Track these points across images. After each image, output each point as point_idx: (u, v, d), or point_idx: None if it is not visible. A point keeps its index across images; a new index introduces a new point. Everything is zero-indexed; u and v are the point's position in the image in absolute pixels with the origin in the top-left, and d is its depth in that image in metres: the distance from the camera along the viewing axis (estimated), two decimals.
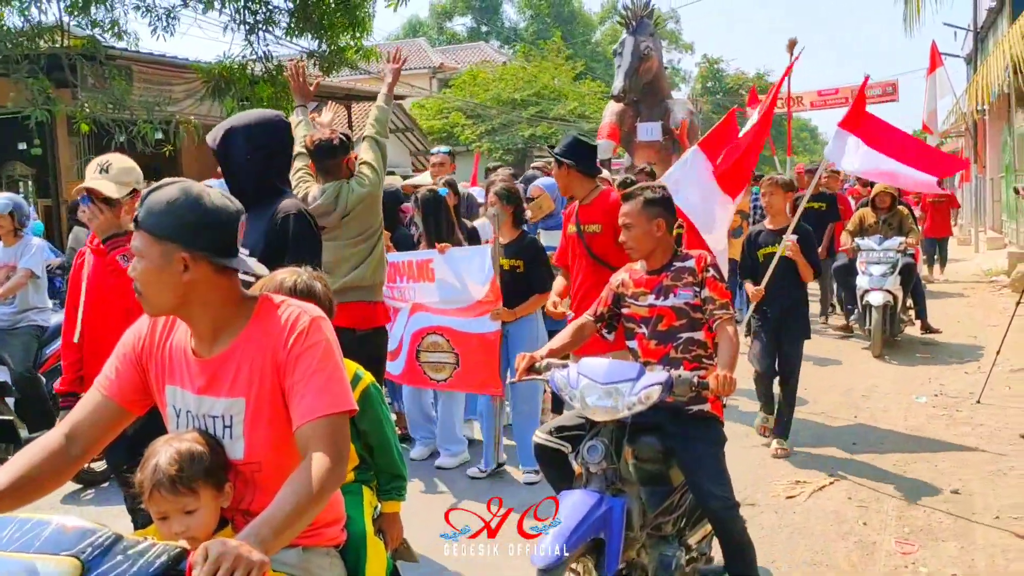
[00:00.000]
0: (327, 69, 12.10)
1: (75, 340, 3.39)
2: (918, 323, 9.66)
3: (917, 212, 12.18)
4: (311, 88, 4.75)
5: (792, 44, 6.23)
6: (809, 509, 4.90)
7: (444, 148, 7.56)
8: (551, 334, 5.56)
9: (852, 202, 11.35)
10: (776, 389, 6.04)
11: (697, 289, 3.49)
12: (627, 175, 8.18)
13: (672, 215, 3.65)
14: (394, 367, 5.62)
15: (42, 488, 1.93)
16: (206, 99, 11.28)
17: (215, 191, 1.97)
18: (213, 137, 3.33)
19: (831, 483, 5.28)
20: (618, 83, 12.24)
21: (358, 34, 11.68)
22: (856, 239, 9.01)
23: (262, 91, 10.95)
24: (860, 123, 5.74)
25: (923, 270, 12.19)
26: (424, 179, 7.71)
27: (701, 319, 3.50)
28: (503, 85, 28.45)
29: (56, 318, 5.89)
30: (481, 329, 5.38)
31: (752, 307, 5.99)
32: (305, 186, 4.42)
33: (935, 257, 14.71)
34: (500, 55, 37.86)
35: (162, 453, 1.94)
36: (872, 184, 11.64)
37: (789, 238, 5.75)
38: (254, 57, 11.48)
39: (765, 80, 41.07)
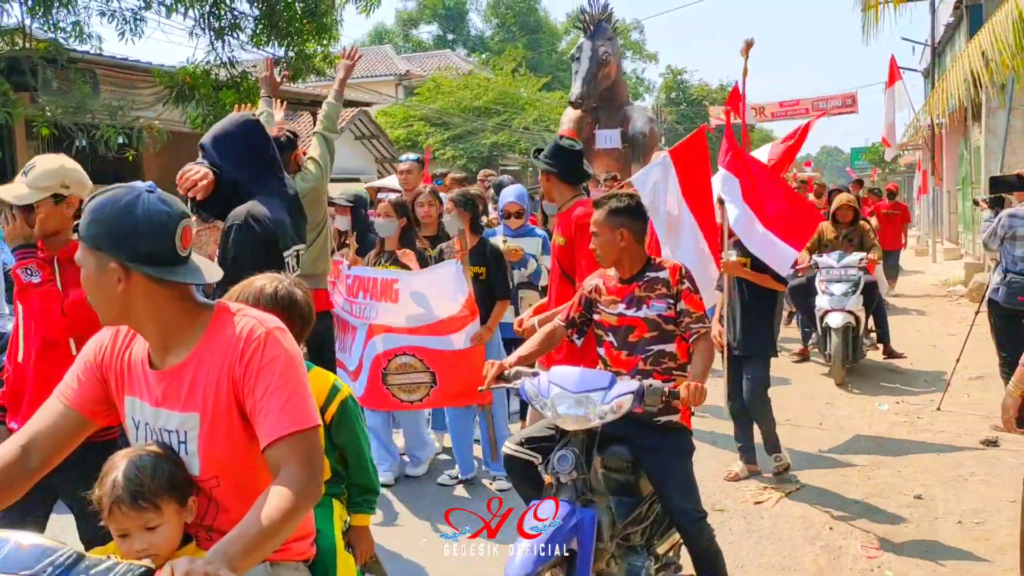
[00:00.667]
0: (294, 76, 11.99)
1: (19, 359, 3.03)
2: (880, 347, 8.99)
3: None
4: (278, 81, 4.91)
5: (748, 46, 6.01)
6: (777, 515, 4.92)
7: (413, 155, 7.23)
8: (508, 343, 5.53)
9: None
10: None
11: (671, 301, 3.45)
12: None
13: (642, 224, 3.60)
14: (355, 388, 5.41)
15: None
16: (170, 104, 11.12)
17: (154, 196, 1.88)
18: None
19: (797, 489, 5.31)
20: (576, 89, 11.93)
21: (325, 41, 11.60)
22: (814, 256, 8.24)
23: (226, 97, 10.81)
24: (741, 165, 5.55)
25: (884, 286, 11.37)
26: (390, 182, 7.57)
27: (673, 331, 3.46)
28: (467, 93, 28.43)
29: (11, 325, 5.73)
30: (460, 345, 5.21)
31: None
32: None
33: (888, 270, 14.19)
34: (466, 63, 37.80)
35: (121, 467, 1.85)
36: (831, 194, 11.41)
37: (727, 255, 5.55)
38: (219, 62, 11.35)
39: (727, 92, 41.46)
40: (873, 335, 8.98)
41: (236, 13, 11.47)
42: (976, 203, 7.93)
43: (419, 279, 5.25)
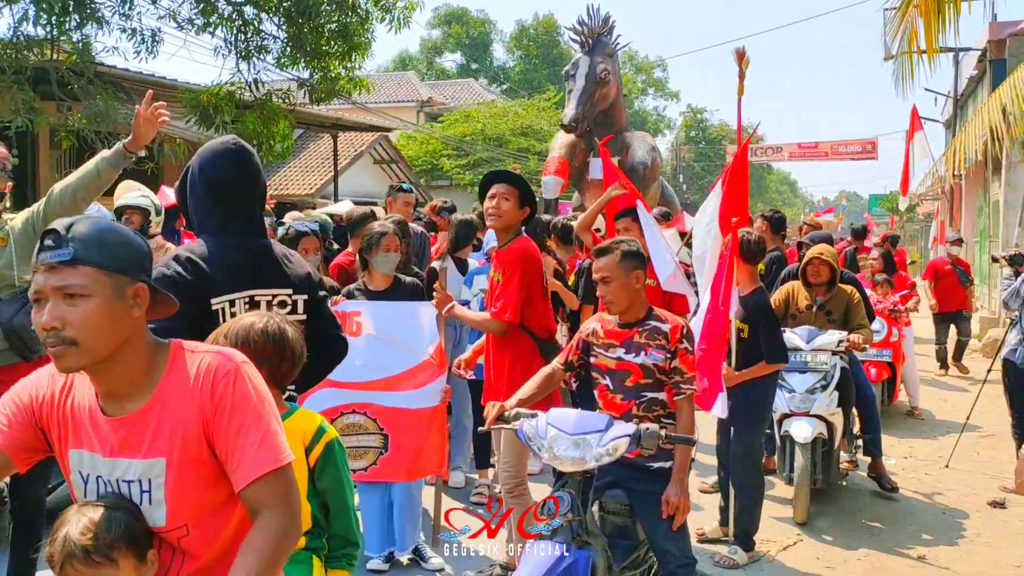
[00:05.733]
0: (319, 98, 12.09)
1: None
2: (867, 462, 6.37)
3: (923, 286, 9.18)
4: None
5: (740, 54, 5.66)
6: (776, 569, 4.84)
7: (406, 185, 6.99)
8: None
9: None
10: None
11: (668, 356, 3.49)
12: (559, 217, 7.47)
13: (644, 267, 3.63)
14: None
15: None
16: (193, 124, 11.25)
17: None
18: None
19: (795, 543, 5.22)
20: (569, 111, 10.62)
21: (352, 62, 11.64)
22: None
23: (249, 119, 10.92)
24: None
25: (914, 385, 8.98)
26: (341, 208, 7.38)
27: (664, 382, 3.52)
28: (493, 123, 28.60)
29: None
30: (420, 403, 4.45)
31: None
32: None
33: (945, 342, 11.49)
34: (488, 93, 38.17)
35: (73, 522, 1.75)
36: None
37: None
38: (243, 83, 11.46)
39: (746, 132, 41.47)
40: (860, 442, 6.50)
41: (264, 35, 11.61)
42: (995, 259, 7.81)
43: (390, 312, 4.53)
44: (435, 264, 5.42)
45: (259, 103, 11.58)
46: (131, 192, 5.75)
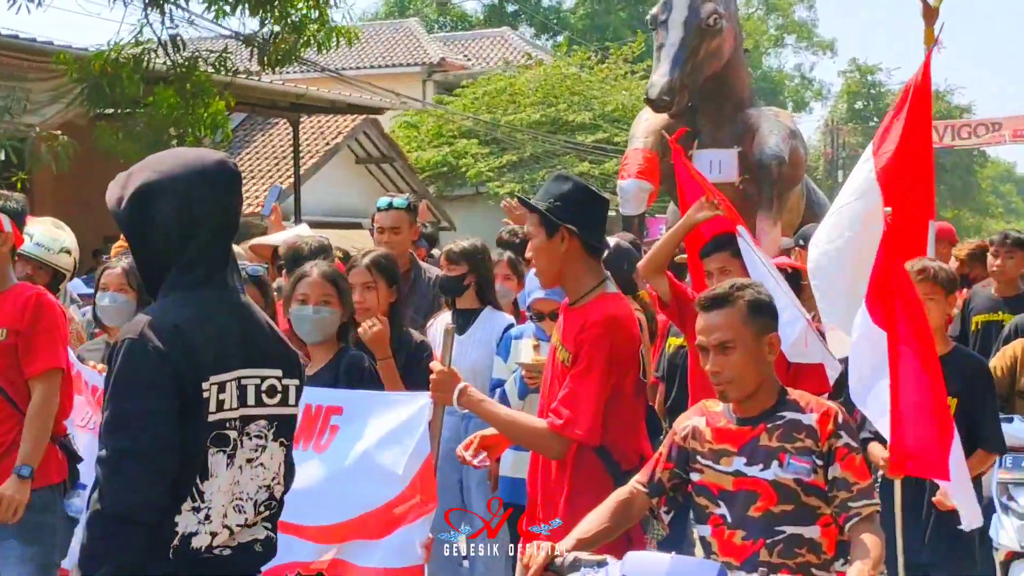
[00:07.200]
0: (273, 61, 12.32)
1: None
2: None
3: None
4: None
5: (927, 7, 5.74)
6: None
7: (400, 200, 6.91)
8: None
9: None
10: None
11: (819, 463, 3.45)
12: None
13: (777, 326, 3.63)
14: None
15: None
16: (77, 105, 11.51)
17: None
18: (115, 196, 3.13)
19: None
20: (660, 77, 10.23)
21: (324, 5, 11.86)
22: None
23: (163, 96, 11.13)
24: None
25: None
26: (277, 238, 7.24)
27: (818, 509, 3.47)
28: (540, 96, 28.47)
29: None
30: (387, 561, 4.26)
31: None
32: None
33: None
34: (534, 48, 38.29)
35: None
36: None
37: None
38: (155, 44, 11.73)
39: (947, 102, 41.40)
40: None
41: None
42: None
43: (376, 407, 4.51)
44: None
45: (180, 73, 11.84)
46: None
